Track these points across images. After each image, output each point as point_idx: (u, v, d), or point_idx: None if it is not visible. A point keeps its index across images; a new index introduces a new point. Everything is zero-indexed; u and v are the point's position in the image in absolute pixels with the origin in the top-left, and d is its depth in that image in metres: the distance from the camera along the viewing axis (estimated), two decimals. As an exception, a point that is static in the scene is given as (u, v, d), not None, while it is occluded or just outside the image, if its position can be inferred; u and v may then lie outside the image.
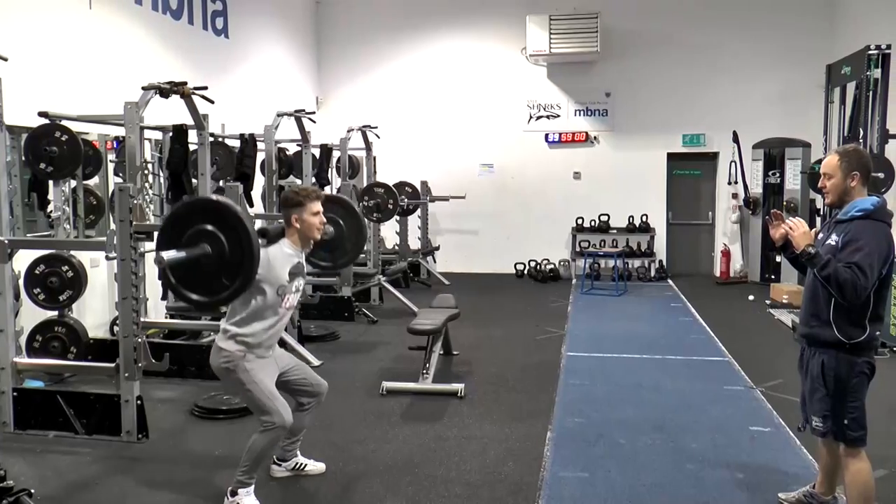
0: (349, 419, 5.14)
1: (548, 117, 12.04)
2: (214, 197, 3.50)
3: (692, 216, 12.16)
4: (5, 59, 4.22)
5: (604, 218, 11.85)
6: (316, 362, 6.49)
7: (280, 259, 3.69)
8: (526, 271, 11.94)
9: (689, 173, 12.10)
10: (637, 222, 11.83)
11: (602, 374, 6.26)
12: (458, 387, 5.61)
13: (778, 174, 10.70)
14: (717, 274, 11.66)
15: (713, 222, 12.04)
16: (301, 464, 4.18)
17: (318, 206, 3.80)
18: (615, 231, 11.84)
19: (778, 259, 10.10)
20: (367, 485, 4.05)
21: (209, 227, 3.31)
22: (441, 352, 6.15)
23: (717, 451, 4.48)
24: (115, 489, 4.03)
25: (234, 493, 3.69)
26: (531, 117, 12.07)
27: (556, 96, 12.00)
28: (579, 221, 11.96)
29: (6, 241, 3.31)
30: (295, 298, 3.83)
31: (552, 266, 11.85)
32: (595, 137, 11.97)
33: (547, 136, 12.03)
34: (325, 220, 3.88)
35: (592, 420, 5.09)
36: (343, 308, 8.40)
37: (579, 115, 11.98)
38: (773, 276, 10.44)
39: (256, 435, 3.68)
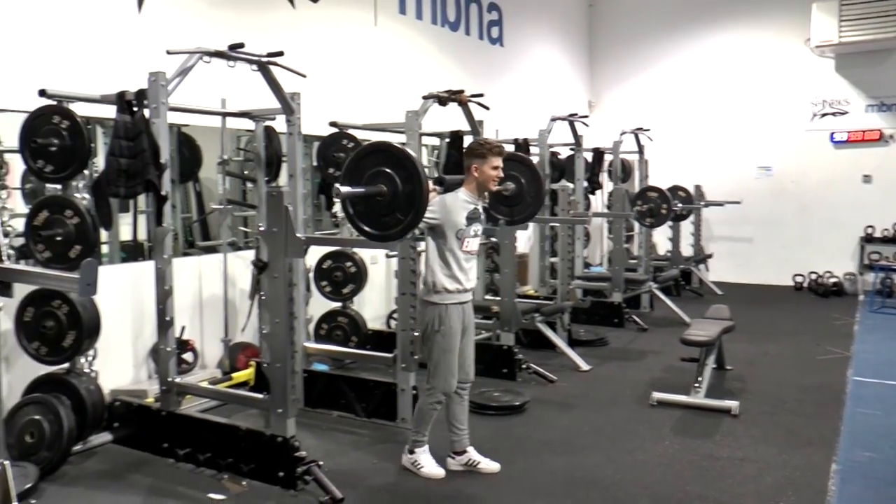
0: (618, 427, 5.03)
1: (833, 114, 10.93)
2: (393, 143, 3.76)
3: None
4: (304, 76, 4.64)
5: (899, 227, 10.55)
6: (585, 367, 6.45)
7: (457, 204, 4.00)
8: (805, 284, 10.97)
9: None
10: (941, 232, 10.38)
11: (897, 404, 5.53)
12: (732, 404, 5.25)
13: None
14: None
15: None
16: (474, 461, 4.25)
17: (498, 161, 4.03)
18: (912, 242, 10.47)
19: None
20: (635, 496, 3.92)
21: (386, 169, 3.58)
22: (714, 365, 5.81)
23: None
24: (391, 469, 4.27)
25: (412, 451, 4.19)
26: (814, 115, 11.03)
27: (844, 91, 10.85)
28: (869, 231, 10.72)
29: (303, 238, 3.76)
30: (474, 243, 4.09)
31: (835, 280, 10.75)
32: (890, 136, 10.64)
33: (832, 135, 10.92)
34: (502, 175, 4.13)
35: (887, 456, 4.49)
36: (613, 314, 8.29)
37: (871, 110, 10.72)
38: None
39: (420, 398, 4.22)
